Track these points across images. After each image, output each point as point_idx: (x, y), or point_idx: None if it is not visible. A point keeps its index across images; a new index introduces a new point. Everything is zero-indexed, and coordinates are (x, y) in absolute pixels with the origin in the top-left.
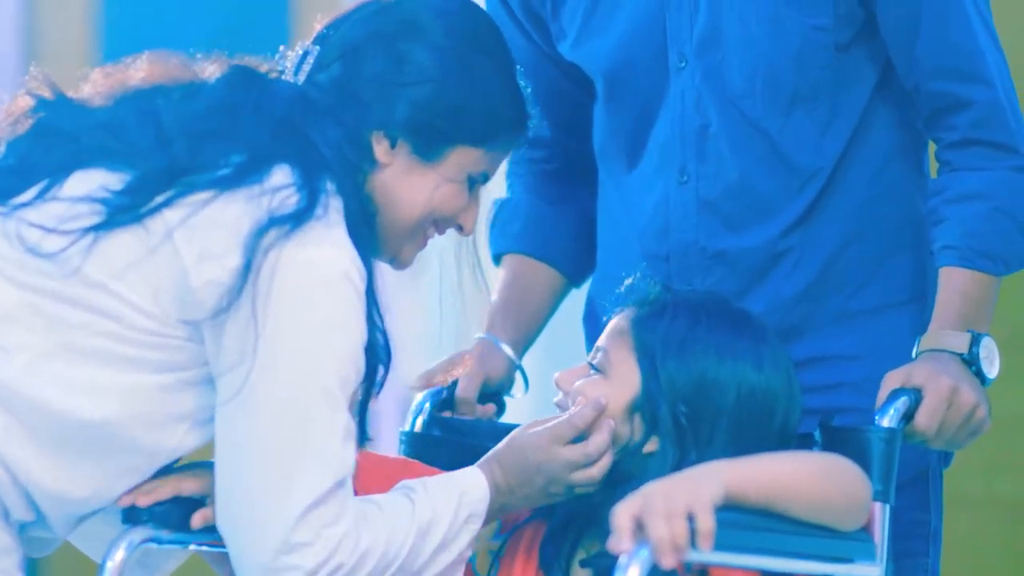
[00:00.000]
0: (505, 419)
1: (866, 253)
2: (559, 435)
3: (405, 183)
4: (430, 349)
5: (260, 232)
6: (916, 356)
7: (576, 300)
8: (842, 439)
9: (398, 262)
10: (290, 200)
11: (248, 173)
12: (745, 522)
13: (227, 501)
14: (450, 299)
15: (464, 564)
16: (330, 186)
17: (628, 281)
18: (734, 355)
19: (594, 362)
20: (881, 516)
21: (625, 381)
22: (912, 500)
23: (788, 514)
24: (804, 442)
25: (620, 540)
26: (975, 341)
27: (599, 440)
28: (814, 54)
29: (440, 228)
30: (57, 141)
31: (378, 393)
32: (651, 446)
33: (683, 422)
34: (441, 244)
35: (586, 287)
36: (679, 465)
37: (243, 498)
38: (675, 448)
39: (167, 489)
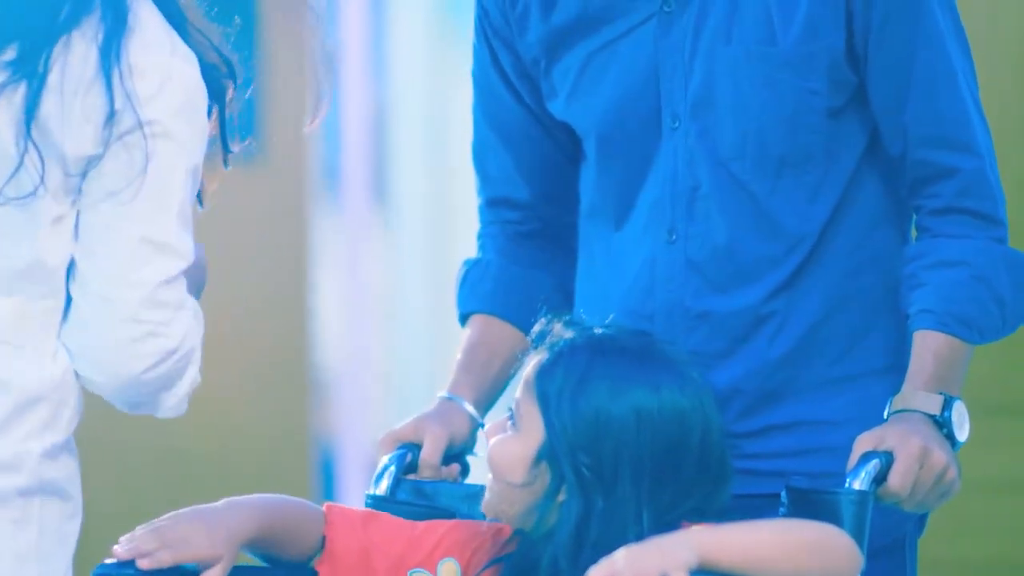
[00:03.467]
0: (471, 480)
1: (849, 320)
2: None
3: None
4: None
5: (105, 71)
6: (888, 416)
7: None
8: (811, 501)
9: None
10: (105, 22)
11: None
12: None
13: (85, 291)
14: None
15: None
16: None
17: (537, 327)
18: (628, 385)
19: (512, 414)
20: None
21: (532, 433)
22: (889, 566)
23: None
24: (770, 503)
25: None
26: (947, 404)
27: None
28: (806, 118)
29: None
30: None
31: (230, 107)
32: (563, 495)
33: (584, 472)
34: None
35: None
36: (587, 514)
37: (101, 279)
38: (579, 497)
39: (168, 556)
